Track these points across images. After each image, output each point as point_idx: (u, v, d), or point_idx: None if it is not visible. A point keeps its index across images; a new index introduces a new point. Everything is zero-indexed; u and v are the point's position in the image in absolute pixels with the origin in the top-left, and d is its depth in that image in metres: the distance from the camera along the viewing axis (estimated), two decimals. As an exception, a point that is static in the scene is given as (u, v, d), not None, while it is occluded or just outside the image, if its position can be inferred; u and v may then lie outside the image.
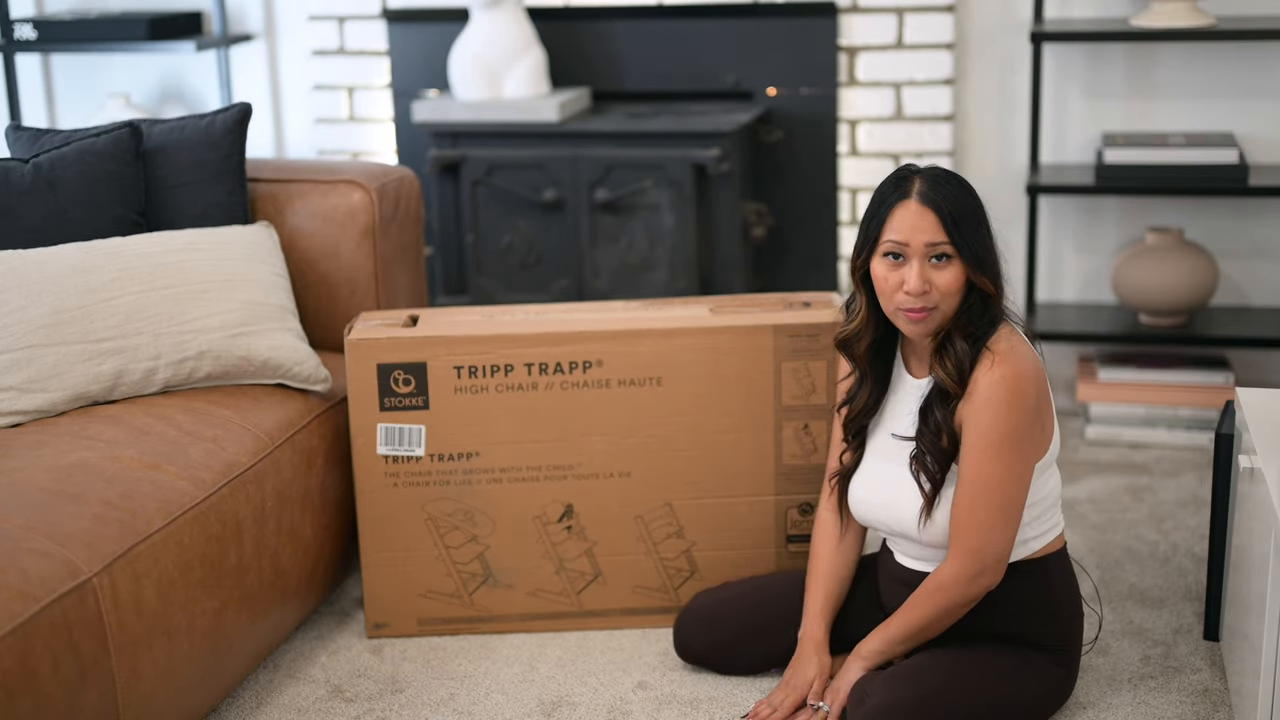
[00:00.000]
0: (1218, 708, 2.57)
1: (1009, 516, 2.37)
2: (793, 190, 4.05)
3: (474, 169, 3.90)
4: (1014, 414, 2.35)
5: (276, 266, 2.91)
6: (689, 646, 2.71)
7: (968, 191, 2.39)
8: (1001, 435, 2.35)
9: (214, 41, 4.20)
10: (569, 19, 4.09)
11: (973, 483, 2.36)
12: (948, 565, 2.40)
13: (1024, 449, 2.37)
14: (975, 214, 2.38)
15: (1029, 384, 2.36)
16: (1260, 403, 2.58)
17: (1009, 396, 2.34)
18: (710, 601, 2.73)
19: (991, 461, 2.35)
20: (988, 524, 2.37)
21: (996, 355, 2.36)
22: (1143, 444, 3.75)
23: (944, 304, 2.37)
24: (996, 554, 2.38)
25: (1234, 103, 3.83)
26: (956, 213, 2.35)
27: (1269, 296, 3.92)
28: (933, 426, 2.40)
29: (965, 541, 2.38)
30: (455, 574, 2.87)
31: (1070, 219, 3.98)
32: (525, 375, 2.80)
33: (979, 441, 2.35)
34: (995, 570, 2.39)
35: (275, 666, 2.79)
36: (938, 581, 2.41)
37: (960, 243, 2.35)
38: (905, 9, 3.91)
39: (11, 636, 2.02)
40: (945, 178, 2.39)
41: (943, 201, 2.35)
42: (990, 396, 2.34)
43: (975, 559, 2.37)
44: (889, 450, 2.50)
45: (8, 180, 2.78)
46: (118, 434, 2.55)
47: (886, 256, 2.39)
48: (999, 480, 2.35)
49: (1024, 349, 2.39)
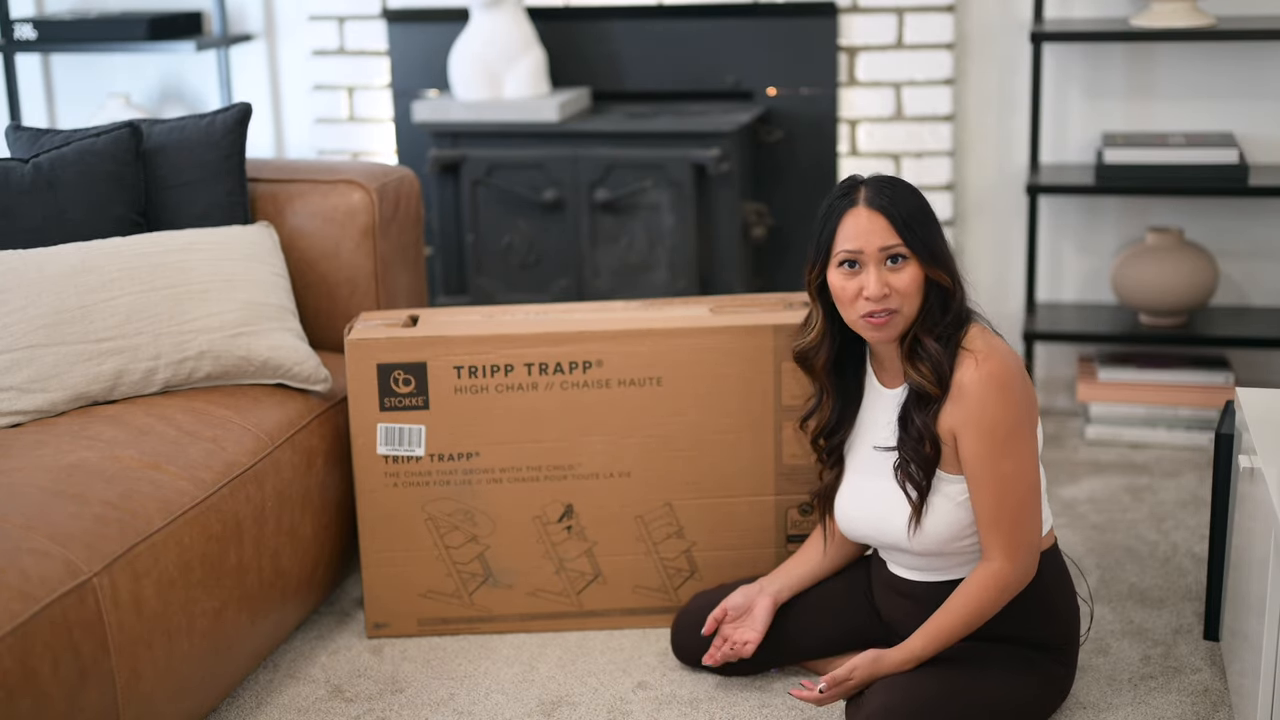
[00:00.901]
0: (1218, 708, 2.57)
1: (1034, 504, 2.40)
2: (793, 190, 4.05)
3: (474, 169, 3.90)
4: (1010, 407, 2.35)
5: (276, 266, 2.91)
6: (686, 648, 2.71)
7: (913, 192, 2.41)
8: (1006, 431, 2.35)
9: (214, 41, 4.20)
10: (569, 19, 4.09)
11: (994, 483, 2.36)
12: (992, 564, 2.38)
13: (1028, 437, 2.39)
14: (924, 212, 2.39)
15: (1015, 376, 2.37)
16: (1260, 403, 2.58)
17: (1001, 391, 2.35)
18: (707, 604, 2.72)
19: (1005, 459, 2.35)
20: (1018, 519, 2.37)
21: (977, 353, 2.36)
22: (1143, 444, 3.75)
23: (905, 306, 2.37)
24: (1031, 544, 2.40)
25: (1234, 103, 3.83)
26: (905, 213, 2.36)
27: (1269, 296, 3.92)
28: (914, 434, 2.40)
29: (1003, 540, 2.37)
30: (455, 574, 2.87)
31: (1070, 219, 3.98)
32: (525, 375, 2.80)
33: (985, 442, 2.35)
34: (1034, 562, 2.41)
35: (275, 666, 2.79)
36: (983, 580, 2.38)
37: (913, 242, 2.36)
38: (905, 9, 3.91)
39: (11, 636, 2.02)
40: (889, 182, 2.40)
41: (890, 204, 2.36)
42: (984, 396, 2.35)
43: (1024, 553, 2.38)
44: (870, 464, 2.50)
45: (8, 180, 2.78)
46: (118, 434, 2.55)
47: (842, 266, 2.39)
48: (1018, 474, 2.37)
49: (1000, 344, 2.41)
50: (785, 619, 2.65)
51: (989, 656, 2.45)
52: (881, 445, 2.47)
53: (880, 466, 2.47)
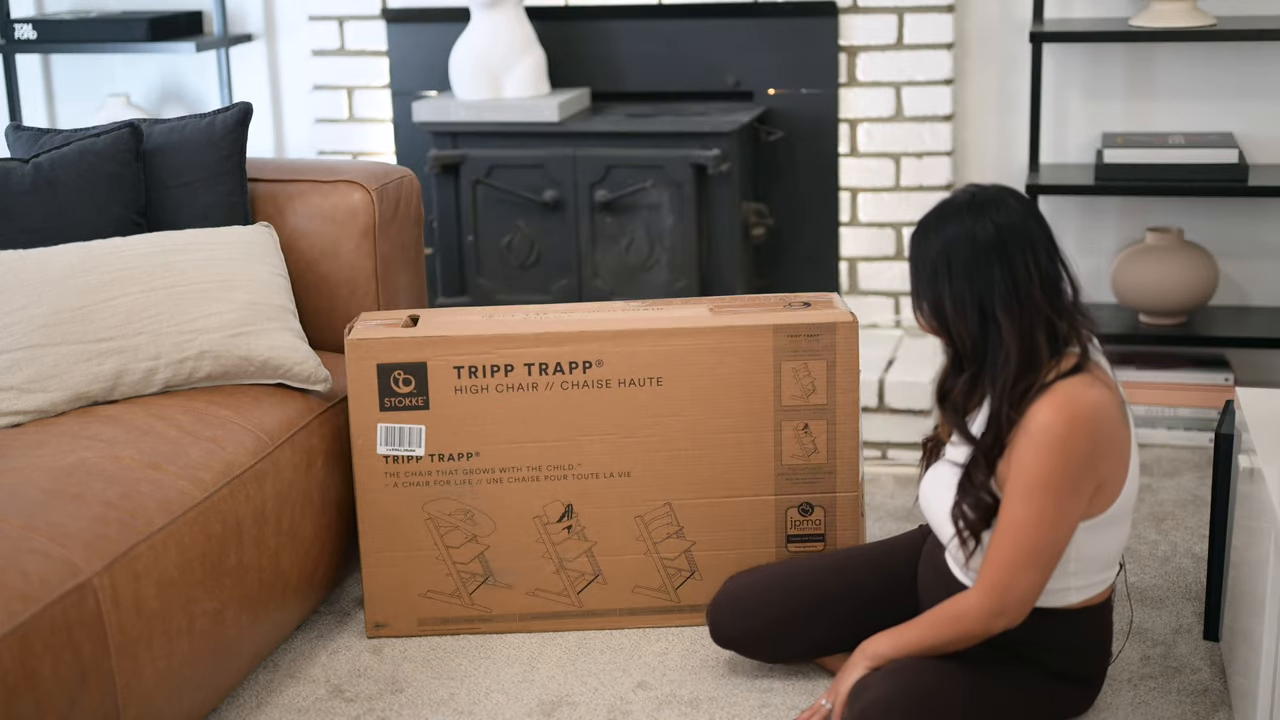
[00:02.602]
0: (1218, 708, 2.57)
1: (1036, 563, 2.29)
2: (793, 190, 4.05)
3: (474, 169, 3.90)
4: (1056, 460, 2.25)
5: (276, 266, 2.91)
6: (722, 629, 2.67)
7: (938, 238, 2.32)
8: (1038, 480, 2.26)
9: (214, 42, 4.20)
10: (569, 19, 4.09)
11: (1005, 521, 2.30)
12: (971, 594, 2.34)
13: (1063, 497, 2.27)
14: (930, 264, 2.32)
15: (1082, 432, 2.25)
16: (1260, 403, 2.58)
17: (1054, 442, 2.25)
18: (744, 587, 2.68)
19: (1024, 504, 2.27)
20: (1011, 565, 2.30)
21: (1057, 395, 2.27)
22: (1142, 444, 3.75)
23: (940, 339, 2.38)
24: (1019, 598, 2.31)
25: (1234, 103, 3.83)
26: (916, 261, 2.35)
27: (1269, 296, 3.92)
28: (972, 491, 2.35)
29: (990, 576, 2.32)
30: (455, 574, 2.87)
31: (1070, 219, 3.98)
32: (525, 375, 2.80)
33: (1017, 481, 2.28)
34: (1016, 613, 2.32)
35: (275, 666, 2.79)
36: (958, 610, 2.35)
37: (917, 291, 2.36)
38: (905, 9, 3.90)
39: (11, 636, 2.02)
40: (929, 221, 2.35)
41: (913, 248, 2.36)
42: (1038, 438, 2.26)
43: (997, 597, 2.31)
44: (952, 456, 2.44)
45: (8, 180, 2.78)
46: (118, 434, 2.55)
47: None
48: (1030, 524, 2.28)
49: (1090, 395, 2.27)
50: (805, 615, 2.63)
51: (998, 660, 2.42)
52: (952, 460, 2.42)
53: (951, 477, 2.42)
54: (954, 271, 2.30)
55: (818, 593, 2.64)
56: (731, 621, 2.66)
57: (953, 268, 2.30)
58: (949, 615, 2.38)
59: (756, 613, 2.65)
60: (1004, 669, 2.42)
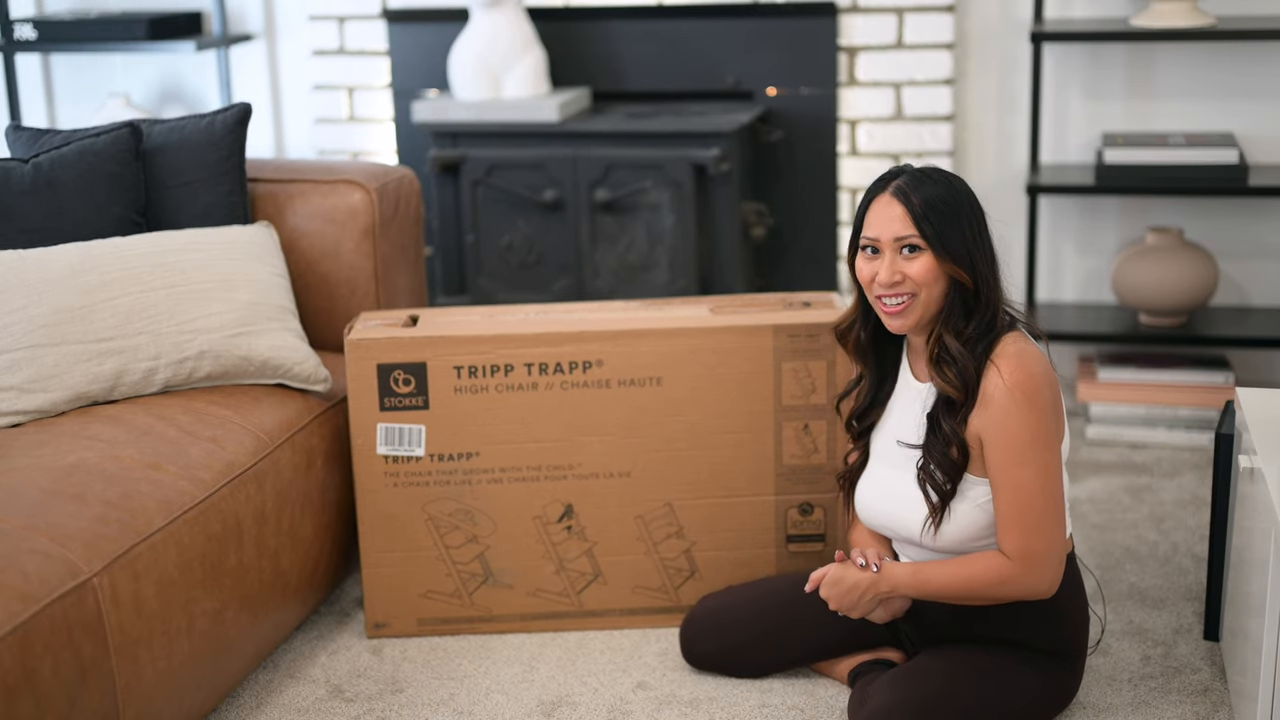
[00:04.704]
0: (1218, 708, 2.57)
1: (1053, 517, 2.36)
2: (793, 190, 4.05)
3: (474, 169, 3.90)
4: (1035, 415, 2.34)
5: (276, 266, 2.91)
6: (695, 651, 2.71)
7: (951, 187, 2.39)
8: (1029, 439, 2.34)
9: (214, 41, 4.20)
10: (569, 19, 4.09)
11: (1013, 491, 2.34)
12: (1005, 561, 2.36)
13: (1051, 447, 2.37)
14: (949, 206, 2.37)
15: (1042, 388, 2.35)
16: (1260, 403, 2.58)
17: (1026, 400, 2.33)
18: (716, 607, 2.72)
19: (1024, 467, 2.34)
20: (1038, 527, 2.35)
21: (1007, 361, 2.35)
22: (1143, 444, 3.75)
23: (923, 293, 2.37)
24: (1058, 554, 2.37)
25: (1234, 103, 3.83)
26: (927, 204, 2.36)
27: (1269, 296, 3.92)
28: (943, 438, 2.38)
29: (1019, 544, 2.35)
30: (455, 574, 2.87)
31: (1070, 219, 3.98)
32: (525, 375, 2.80)
33: (1008, 449, 2.34)
34: (1057, 572, 2.37)
35: (275, 666, 2.79)
36: (990, 565, 2.37)
37: (928, 233, 2.35)
38: (905, 9, 3.91)
39: (11, 636, 2.02)
40: (928, 174, 2.40)
41: (915, 194, 2.36)
42: (1008, 406, 2.33)
43: (1035, 563, 2.35)
44: (894, 457, 2.49)
45: (8, 180, 2.78)
46: (118, 434, 2.55)
47: (864, 250, 2.41)
48: (1038, 483, 2.35)
49: (1032, 352, 2.38)
50: (790, 620, 2.65)
51: (993, 659, 2.45)
52: (906, 441, 2.46)
53: (902, 460, 2.47)
54: (980, 218, 2.40)
55: (789, 611, 2.65)
56: (704, 643, 2.69)
57: (977, 214, 2.40)
58: (981, 566, 2.38)
59: (728, 632, 2.68)
60: (997, 662, 2.44)
